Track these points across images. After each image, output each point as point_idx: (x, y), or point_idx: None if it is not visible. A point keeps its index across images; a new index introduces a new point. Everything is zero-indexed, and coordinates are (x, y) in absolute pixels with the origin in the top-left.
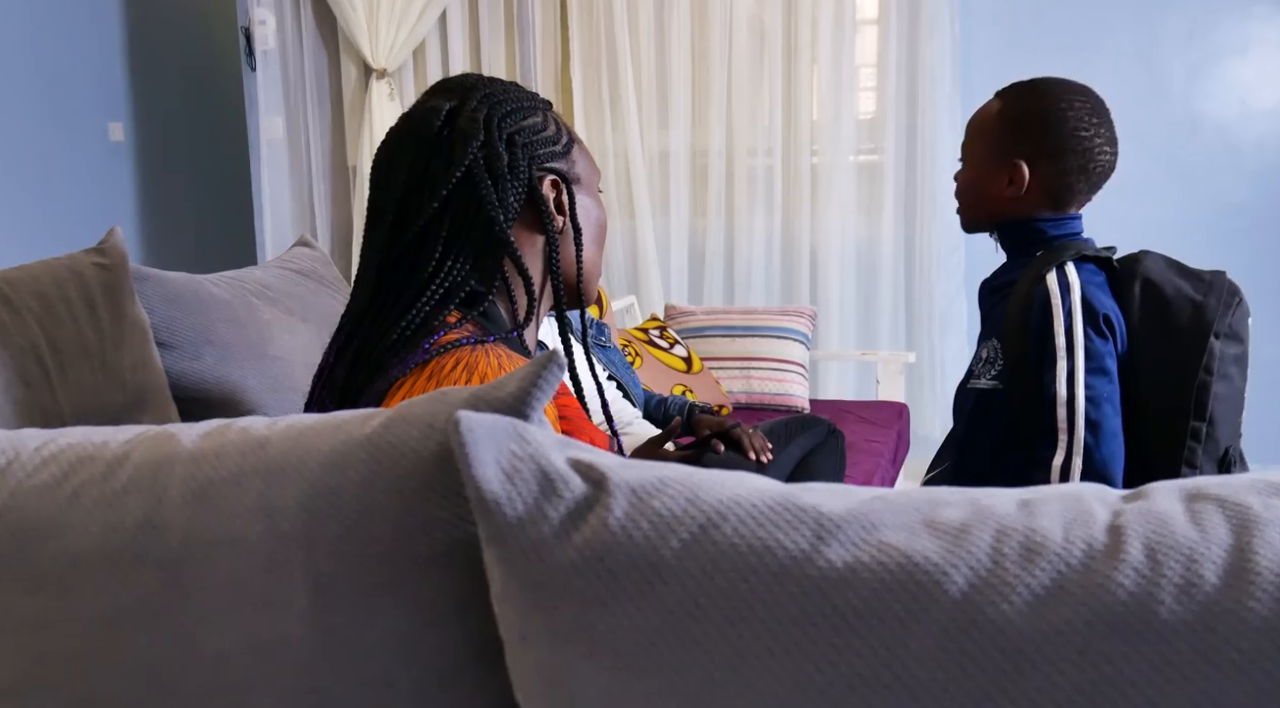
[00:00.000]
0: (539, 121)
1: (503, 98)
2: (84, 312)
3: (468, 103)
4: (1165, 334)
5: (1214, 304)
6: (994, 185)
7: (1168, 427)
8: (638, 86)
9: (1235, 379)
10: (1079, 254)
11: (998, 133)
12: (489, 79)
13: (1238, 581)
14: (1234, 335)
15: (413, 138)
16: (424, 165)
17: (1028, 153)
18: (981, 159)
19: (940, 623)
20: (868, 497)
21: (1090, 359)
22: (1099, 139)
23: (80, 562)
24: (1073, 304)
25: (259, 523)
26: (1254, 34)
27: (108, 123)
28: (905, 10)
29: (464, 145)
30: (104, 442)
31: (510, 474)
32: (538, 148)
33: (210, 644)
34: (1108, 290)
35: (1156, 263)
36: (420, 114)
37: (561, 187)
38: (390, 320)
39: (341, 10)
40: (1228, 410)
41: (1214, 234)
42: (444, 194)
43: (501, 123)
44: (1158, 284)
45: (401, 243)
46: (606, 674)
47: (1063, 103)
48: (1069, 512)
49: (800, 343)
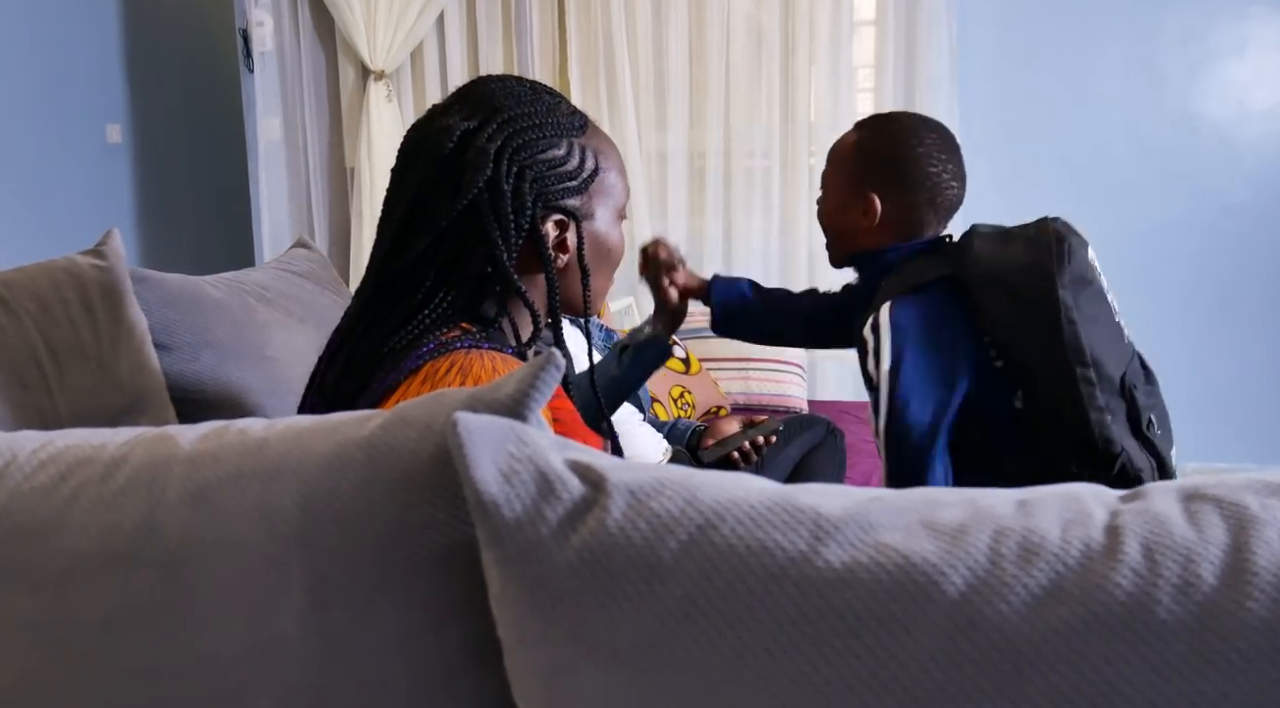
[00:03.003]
0: (560, 154)
1: (526, 125)
2: (81, 314)
3: (486, 127)
4: (1020, 308)
5: (1045, 260)
6: (849, 216)
7: (1060, 385)
8: (635, 87)
9: (1099, 315)
10: (905, 288)
11: (852, 165)
12: (522, 95)
13: (1235, 581)
14: (1079, 279)
15: (424, 154)
16: (431, 187)
17: (879, 186)
18: (837, 190)
19: (938, 624)
20: (865, 497)
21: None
22: (946, 175)
23: (78, 563)
24: (881, 339)
25: (257, 525)
26: (1251, 35)
27: (105, 124)
28: (903, 11)
29: (471, 178)
30: (102, 444)
31: (508, 476)
32: (549, 184)
33: (208, 646)
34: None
35: (984, 244)
36: (436, 130)
37: (568, 225)
38: (380, 336)
39: (339, 12)
40: (1105, 346)
41: (1212, 234)
42: (442, 225)
43: (515, 156)
44: (995, 267)
45: (400, 261)
46: (605, 675)
47: (914, 138)
48: (1067, 512)
49: None
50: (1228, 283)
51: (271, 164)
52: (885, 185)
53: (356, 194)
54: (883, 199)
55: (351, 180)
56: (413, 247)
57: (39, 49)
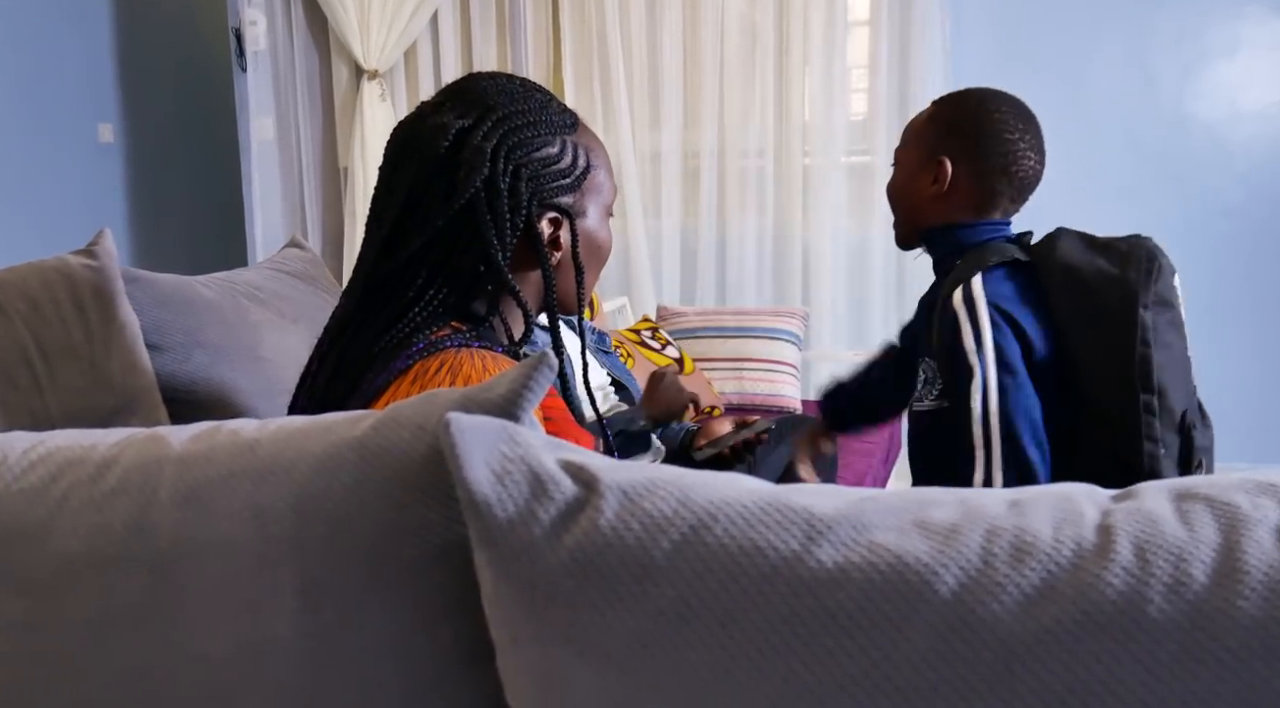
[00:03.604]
0: (554, 152)
1: (520, 123)
2: (73, 314)
3: (480, 126)
4: (1095, 318)
5: (1134, 276)
6: (918, 186)
7: (1119, 407)
8: (629, 87)
9: (1174, 344)
10: (986, 264)
11: (925, 135)
12: (514, 93)
13: (1227, 580)
14: (1162, 301)
15: (417, 153)
16: (424, 186)
17: (951, 151)
18: (908, 162)
19: (931, 623)
20: (858, 497)
21: (1002, 369)
22: (1023, 144)
23: (69, 564)
24: (979, 321)
25: (248, 525)
26: (1244, 35)
27: (97, 124)
28: (897, 11)
29: (467, 177)
30: (93, 444)
31: (501, 476)
32: (544, 182)
33: (199, 646)
34: (1017, 297)
35: (1072, 245)
36: (430, 129)
37: (562, 222)
38: (370, 337)
39: (333, 11)
40: (1175, 376)
41: (1205, 234)
42: (438, 225)
43: (510, 154)
44: (1077, 268)
45: (391, 261)
46: (598, 676)
47: (990, 105)
48: (1059, 511)
49: (792, 344)
50: (1219, 283)
51: (264, 164)
52: (958, 151)
53: (350, 194)
54: (955, 164)
55: (345, 180)
56: (405, 247)
57: (30, 48)
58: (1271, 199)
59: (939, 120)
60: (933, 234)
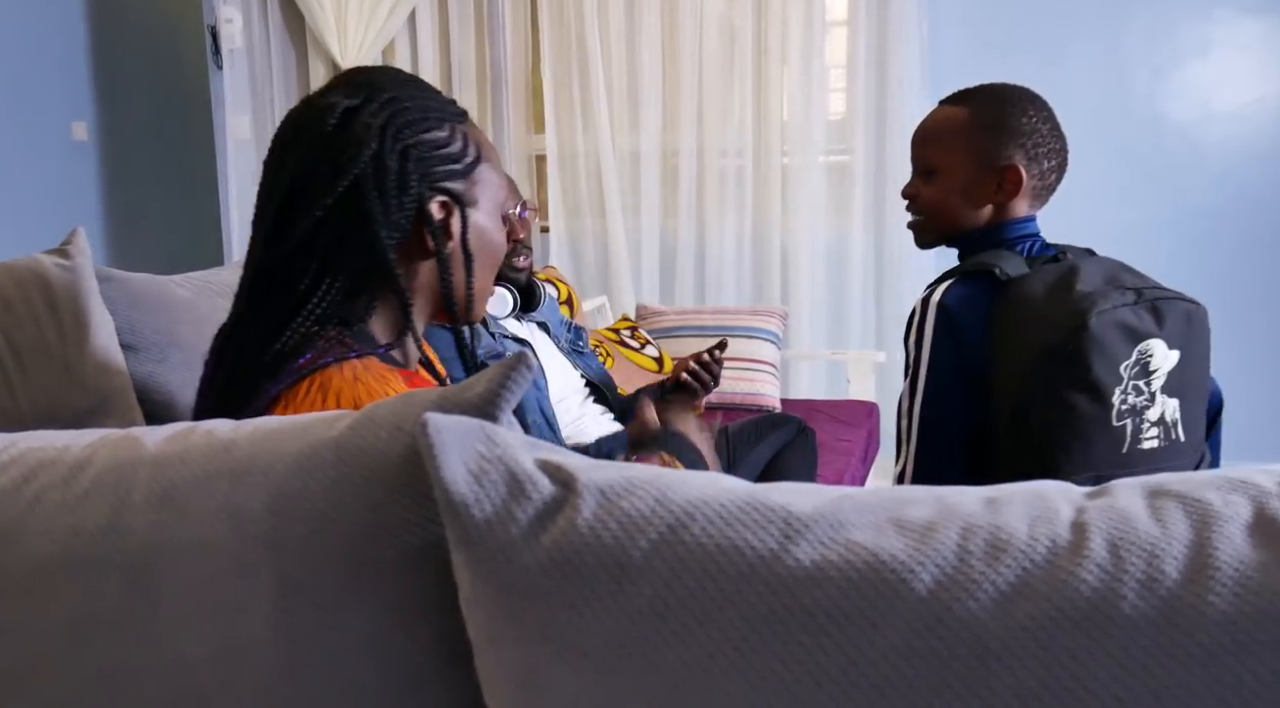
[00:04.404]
0: (443, 136)
1: (408, 104)
2: (46, 313)
3: (369, 105)
4: (1012, 353)
5: (1049, 325)
6: (980, 192)
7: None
8: (608, 87)
9: (1078, 406)
10: (969, 270)
11: (980, 139)
12: (403, 80)
13: (1198, 576)
14: (1069, 359)
15: (304, 134)
16: (310, 168)
17: (1017, 155)
18: (964, 168)
19: (907, 621)
20: (835, 496)
21: (932, 375)
22: (1062, 138)
23: (42, 567)
24: (925, 326)
25: (224, 526)
26: (1214, 36)
27: (71, 122)
28: (874, 12)
29: (355, 154)
30: (66, 445)
31: (478, 476)
32: (433, 165)
33: (175, 649)
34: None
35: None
36: (315, 110)
37: (453, 208)
38: (265, 336)
39: (310, 9)
40: (1063, 437)
41: (1177, 235)
42: (327, 204)
43: (400, 133)
44: (1020, 298)
45: (276, 251)
46: (576, 675)
47: (1034, 104)
48: (1034, 509)
49: (771, 343)
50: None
51: (241, 162)
52: (1024, 154)
53: None
54: (1025, 169)
55: None
56: (290, 235)
57: (3, 46)
58: (1245, 199)
59: (988, 124)
60: (976, 232)
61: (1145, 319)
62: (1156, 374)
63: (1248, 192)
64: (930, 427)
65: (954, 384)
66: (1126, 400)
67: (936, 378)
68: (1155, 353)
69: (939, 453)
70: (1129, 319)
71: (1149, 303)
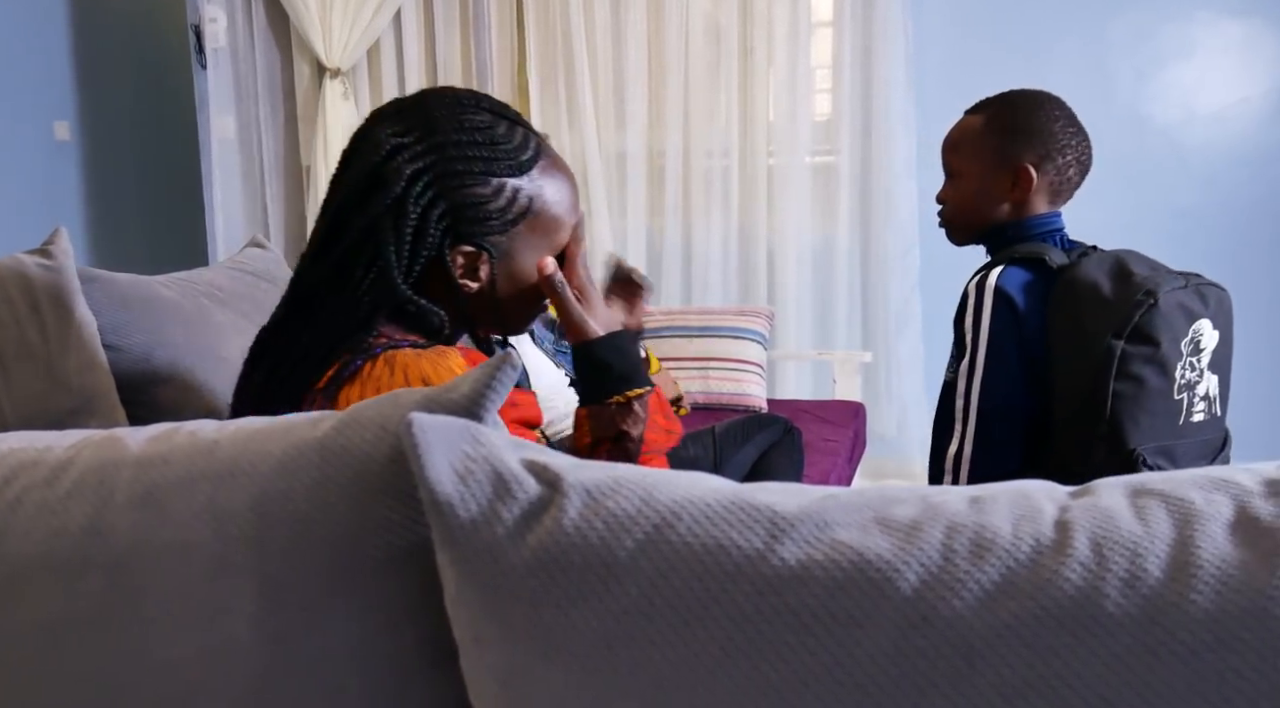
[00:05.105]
0: (484, 193)
1: (455, 155)
2: (28, 314)
3: (414, 146)
4: (1077, 336)
5: (1119, 305)
6: (995, 192)
7: (1075, 425)
8: (594, 87)
9: (1148, 380)
10: (1016, 258)
11: (993, 142)
12: (466, 123)
13: (1180, 574)
14: (1141, 336)
15: (358, 159)
16: (351, 196)
17: (1029, 156)
18: (979, 170)
19: (892, 620)
20: (820, 495)
21: (992, 353)
22: (1081, 135)
23: (23, 569)
24: (982, 306)
25: (208, 527)
26: (1197, 38)
27: (53, 121)
28: (860, 13)
29: (381, 196)
30: (48, 446)
31: (464, 476)
32: (463, 223)
33: (158, 651)
34: (1032, 294)
35: (1099, 264)
36: (373, 137)
37: (481, 257)
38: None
39: (294, 8)
40: (1132, 411)
41: (1160, 236)
42: (354, 234)
43: (433, 183)
44: (1081, 283)
45: (320, 266)
46: (561, 675)
47: (1047, 106)
48: (1018, 508)
49: (757, 343)
50: None
51: (225, 162)
52: (1036, 154)
53: (312, 193)
54: (1037, 168)
55: (307, 179)
56: (331, 253)
57: None
58: (1227, 201)
59: (1000, 128)
60: (1000, 228)
61: (1195, 301)
62: (1205, 352)
63: (1230, 193)
64: (994, 408)
65: (1017, 365)
66: (1185, 376)
67: (998, 359)
68: (1205, 333)
69: (1003, 434)
70: (1186, 300)
71: (1195, 287)
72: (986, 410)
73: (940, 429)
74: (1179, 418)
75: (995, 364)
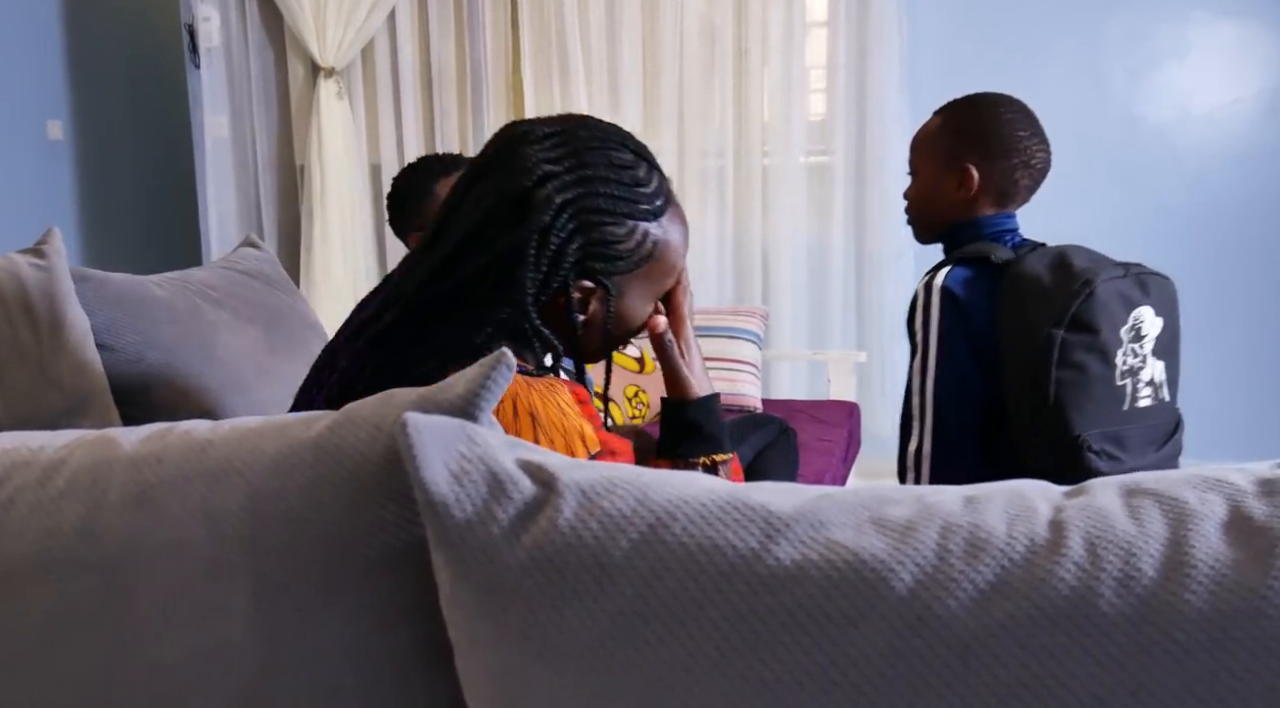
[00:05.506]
0: (620, 233)
1: (602, 191)
2: (20, 314)
3: (565, 176)
4: (1022, 327)
5: (1058, 295)
6: (943, 191)
7: (1024, 415)
8: (589, 87)
9: (1089, 367)
10: (965, 258)
11: (944, 143)
12: (614, 160)
13: (1174, 574)
14: (1080, 325)
15: (506, 176)
16: (494, 215)
17: (974, 157)
18: (931, 169)
19: (888, 619)
20: (815, 495)
21: (943, 351)
22: (1035, 139)
23: (16, 569)
24: (931, 306)
25: (201, 527)
26: (1192, 39)
27: (46, 121)
28: (854, 13)
29: (530, 221)
30: (40, 446)
31: (459, 476)
32: (595, 259)
33: (151, 652)
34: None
35: (1042, 258)
36: (525, 157)
37: (594, 292)
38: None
39: (288, 7)
40: (1076, 398)
41: (1153, 236)
42: (492, 254)
43: (577, 215)
44: (1023, 276)
45: (447, 280)
46: (556, 676)
47: (999, 109)
48: (1012, 508)
49: (752, 343)
50: None
51: (218, 162)
52: (980, 155)
53: (306, 192)
54: (979, 168)
55: (301, 178)
56: (464, 268)
57: None
58: (1220, 201)
59: (953, 129)
60: (956, 228)
61: (1134, 289)
62: (1147, 339)
63: (1223, 193)
64: (946, 402)
65: (966, 360)
66: (1126, 362)
67: (948, 356)
68: (1145, 319)
69: (957, 425)
70: (1124, 289)
71: (1135, 276)
72: (941, 407)
73: (904, 429)
74: (1123, 404)
75: (946, 361)
